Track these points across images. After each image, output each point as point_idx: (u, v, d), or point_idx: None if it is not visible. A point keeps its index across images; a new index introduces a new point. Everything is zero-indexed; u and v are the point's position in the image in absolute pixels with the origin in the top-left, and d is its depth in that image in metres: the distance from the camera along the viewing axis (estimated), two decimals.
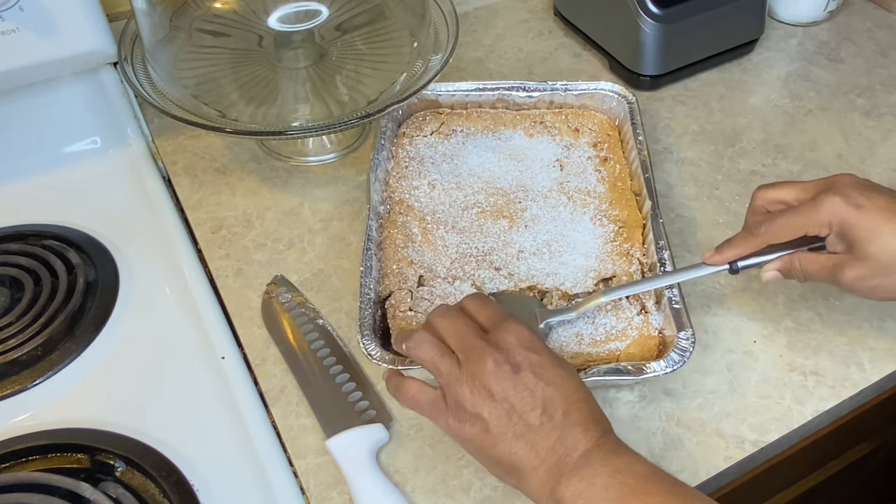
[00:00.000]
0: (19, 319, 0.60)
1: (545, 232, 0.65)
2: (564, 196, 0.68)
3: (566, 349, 0.57)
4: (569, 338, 0.58)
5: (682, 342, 0.54)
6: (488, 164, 0.71)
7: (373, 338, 0.55)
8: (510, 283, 0.61)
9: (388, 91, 0.69)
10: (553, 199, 0.68)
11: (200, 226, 0.71)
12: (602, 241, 0.64)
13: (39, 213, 0.70)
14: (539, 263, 0.62)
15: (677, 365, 0.53)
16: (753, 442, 0.55)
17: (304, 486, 0.53)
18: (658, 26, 0.80)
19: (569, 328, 0.59)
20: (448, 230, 0.65)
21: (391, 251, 0.63)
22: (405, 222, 0.65)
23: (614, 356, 0.57)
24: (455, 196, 0.68)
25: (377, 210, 0.66)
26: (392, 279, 0.61)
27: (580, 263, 0.62)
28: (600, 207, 0.67)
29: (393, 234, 0.64)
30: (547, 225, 0.65)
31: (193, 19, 0.73)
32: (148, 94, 0.66)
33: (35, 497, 0.49)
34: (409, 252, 0.63)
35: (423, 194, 0.68)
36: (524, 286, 0.61)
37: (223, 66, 0.73)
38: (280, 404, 0.57)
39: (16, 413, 0.57)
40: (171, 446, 0.54)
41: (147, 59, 0.69)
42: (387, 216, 0.66)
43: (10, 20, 0.64)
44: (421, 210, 0.66)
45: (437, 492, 0.52)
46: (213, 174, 0.76)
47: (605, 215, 0.66)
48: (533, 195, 0.68)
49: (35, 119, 0.74)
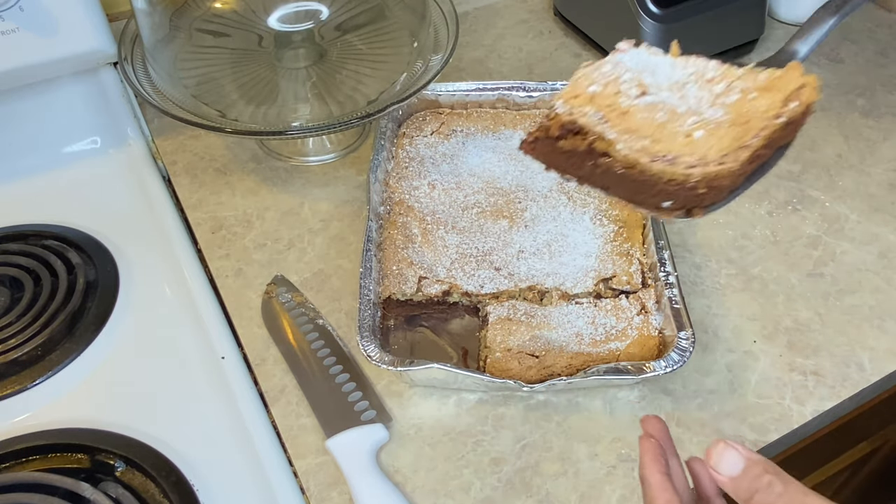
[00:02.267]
0: (19, 319, 0.60)
1: (545, 232, 0.65)
2: (564, 196, 0.68)
3: (567, 349, 0.57)
4: (569, 338, 0.58)
5: (682, 342, 0.54)
6: (488, 164, 0.71)
7: (372, 339, 0.55)
8: (510, 284, 0.61)
9: (389, 91, 0.69)
10: (553, 199, 0.67)
11: (200, 226, 0.71)
12: (602, 240, 0.64)
13: (39, 213, 0.70)
14: (539, 263, 0.62)
15: (677, 365, 0.53)
16: (753, 442, 0.55)
17: (304, 486, 0.53)
18: (658, 26, 0.80)
19: (568, 328, 0.59)
20: (448, 230, 0.65)
21: (391, 252, 0.63)
22: (405, 223, 0.65)
23: (614, 356, 0.57)
24: (455, 196, 0.68)
25: (377, 211, 0.65)
26: (392, 280, 0.61)
27: (580, 263, 0.62)
28: (600, 207, 0.67)
29: (393, 235, 0.64)
30: (547, 225, 0.65)
31: (193, 19, 0.73)
32: (148, 94, 0.66)
33: (35, 497, 0.49)
34: (409, 253, 0.63)
35: (424, 194, 0.68)
36: (524, 286, 0.61)
37: (223, 66, 0.73)
38: (280, 404, 0.57)
39: (16, 413, 0.57)
40: (171, 446, 0.54)
41: (147, 59, 0.69)
42: (386, 217, 0.66)
43: (10, 20, 0.64)
44: (421, 210, 0.66)
45: (437, 492, 0.52)
46: (213, 174, 0.76)
47: (605, 215, 0.66)
48: (533, 195, 0.68)
49: (35, 119, 0.74)
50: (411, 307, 0.62)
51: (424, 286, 0.61)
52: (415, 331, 0.61)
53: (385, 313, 0.61)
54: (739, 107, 0.42)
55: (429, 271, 0.62)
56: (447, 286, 0.61)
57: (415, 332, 0.61)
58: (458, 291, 0.61)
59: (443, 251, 0.63)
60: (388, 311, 0.62)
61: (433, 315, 0.62)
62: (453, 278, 0.61)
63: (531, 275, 0.61)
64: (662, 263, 0.60)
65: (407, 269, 0.62)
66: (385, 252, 0.63)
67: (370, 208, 0.65)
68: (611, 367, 0.53)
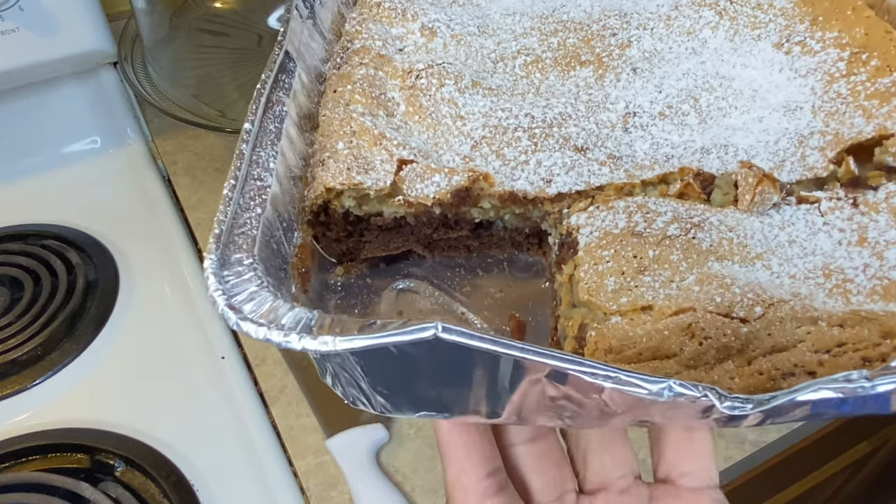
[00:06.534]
0: (19, 319, 0.60)
1: (680, 75, 0.36)
2: (709, 9, 0.39)
3: (801, 303, 0.29)
4: (801, 279, 0.30)
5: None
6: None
7: (264, 296, 0.28)
8: (617, 175, 0.33)
9: None
10: (685, 19, 0.39)
11: (200, 226, 0.71)
12: (819, 79, 0.34)
13: (39, 213, 0.70)
14: (678, 132, 0.34)
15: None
16: (753, 442, 0.54)
17: (304, 486, 0.53)
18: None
19: (798, 259, 0.31)
20: (465, 88, 0.35)
21: (336, 127, 0.34)
22: (370, 78, 0.36)
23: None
24: (477, 44, 0.39)
25: (302, 58, 0.36)
26: (331, 167, 0.32)
27: (776, 125, 0.33)
28: (793, 26, 0.37)
29: (343, 98, 0.35)
30: (682, 64, 0.36)
31: (193, 19, 0.73)
32: (148, 94, 0.66)
33: (35, 497, 0.49)
34: (375, 123, 0.34)
35: (412, 45, 0.39)
36: (652, 176, 0.33)
37: (223, 66, 0.73)
38: (280, 404, 0.57)
39: (16, 413, 0.57)
40: (171, 446, 0.54)
41: (147, 59, 0.69)
42: (333, 73, 0.37)
43: (10, 20, 0.64)
44: (406, 62, 0.38)
45: (436, 491, 0.52)
46: (213, 174, 0.76)
47: (811, 37, 0.36)
48: (640, 20, 0.39)
49: (35, 119, 0.74)
50: (382, 236, 0.34)
51: (412, 178, 0.32)
52: (392, 288, 0.34)
53: (317, 251, 0.34)
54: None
55: (423, 156, 0.33)
56: (467, 177, 0.32)
57: (393, 292, 0.34)
58: (493, 189, 0.32)
59: (453, 126, 0.34)
60: (329, 243, 0.34)
61: (440, 252, 0.34)
62: (479, 165, 0.33)
63: (666, 154, 0.33)
64: None
65: (369, 150, 0.32)
66: (324, 125, 0.35)
67: (282, 41, 0.36)
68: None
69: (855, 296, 0.29)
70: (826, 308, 0.29)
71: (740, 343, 0.28)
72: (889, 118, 0.33)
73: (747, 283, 0.29)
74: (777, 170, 0.33)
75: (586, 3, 0.42)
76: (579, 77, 0.37)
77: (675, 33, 0.39)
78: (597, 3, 0.42)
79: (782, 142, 0.33)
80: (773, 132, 0.34)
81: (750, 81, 0.36)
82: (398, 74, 0.37)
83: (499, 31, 0.40)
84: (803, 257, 0.31)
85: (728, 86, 0.36)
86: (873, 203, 0.32)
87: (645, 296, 0.30)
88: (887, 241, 0.30)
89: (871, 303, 0.29)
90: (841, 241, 0.31)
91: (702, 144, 0.34)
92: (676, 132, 0.35)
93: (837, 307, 0.29)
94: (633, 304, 0.29)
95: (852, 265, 0.30)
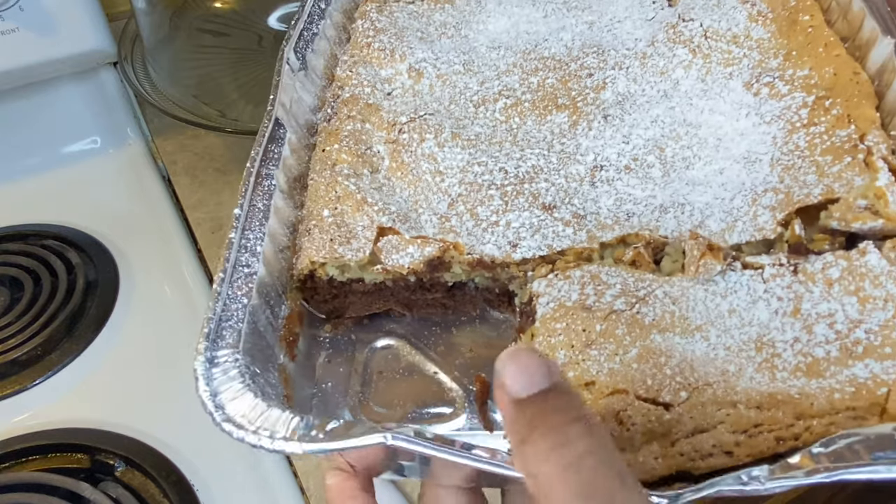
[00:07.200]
0: (19, 319, 0.60)
1: (649, 123, 0.35)
2: (683, 47, 0.38)
3: (738, 379, 0.31)
4: (738, 351, 0.32)
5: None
6: (526, 21, 0.42)
7: (254, 371, 0.33)
8: (579, 237, 0.33)
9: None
10: (659, 57, 0.38)
11: (200, 226, 0.71)
12: (782, 127, 0.33)
13: (39, 213, 0.70)
14: (641, 187, 0.33)
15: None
16: None
17: (304, 486, 0.53)
18: None
19: (735, 330, 0.32)
20: (445, 142, 0.36)
21: (321, 187, 0.35)
22: (356, 133, 0.37)
23: (871, 400, 0.29)
24: (462, 84, 0.39)
25: (295, 118, 0.37)
26: (316, 238, 0.34)
27: (738, 178, 0.32)
28: (765, 63, 0.36)
29: (329, 158, 0.36)
30: (652, 109, 0.35)
31: (193, 19, 0.74)
32: (148, 94, 0.66)
33: (35, 497, 0.49)
34: (359, 186, 0.35)
35: (400, 87, 0.40)
36: (611, 237, 0.33)
37: (223, 66, 0.73)
38: None
39: (16, 413, 0.57)
40: (171, 446, 0.54)
41: (147, 59, 0.69)
42: (323, 126, 0.39)
43: (10, 20, 0.64)
44: (392, 112, 0.38)
45: None
46: (212, 174, 0.76)
47: (780, 77, 0.35)
48: (617, 57, 0.38)
49: (35, 119, 0.74)
50: (364, 298, 0.36)
51: (388, 250, 0.34)
52: (372, 348, 0.34)
53: (305, 311, 0.36)
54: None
55: (401, 220, 0.34)
56: (438, 247, 0.34)
57: (373, 352, 0.34)
58: (463, 257, 0.34)
59: (432, 182, 0.35)
60: (317, 304, 0.36)
61: (418, 311, 0.36)
62: (452, 231, 0.34)
63: (626, 212, 0.33)
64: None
65: (352, 217, 0.34)
66: (312, 190, 0.36)
67: (272, 111, 0.37)
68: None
69: (780, 371, 0.31)
70: (752, 384, 0.31)
71: (664, 428, 0.30)
72: (839, 178, 0.33)
73: (680, 363, 0.31)
74: (729, 231, 0.33)
75: (567, 37, 0.42)
76: (554, 123, 0.38)
77: (650, 73, 0.39)
78: (577, 36, 0.42)
79: (737, 199, 0.33)
80: (731, 187, 0.34)
81: (716, 129, 0.36)
82: (384, 126, 0.39)
83: (483, 69, 0.41)
84: (741, 328, 0.32)
85: (694, 134, 0.36)
86: (811, 273, 0.32)
87: (590, 370, 0.31)
88: (818, 313, 0.31)
89: (794, 379, 0.31)
90: (777, 310, 0.32)
91: (661, 202, 0.34)
92: (640, 186, 0.35)
93: (763, 384, 0.31)
94: (578, 380, 0.31)
95: (783, 338, 0.32)
